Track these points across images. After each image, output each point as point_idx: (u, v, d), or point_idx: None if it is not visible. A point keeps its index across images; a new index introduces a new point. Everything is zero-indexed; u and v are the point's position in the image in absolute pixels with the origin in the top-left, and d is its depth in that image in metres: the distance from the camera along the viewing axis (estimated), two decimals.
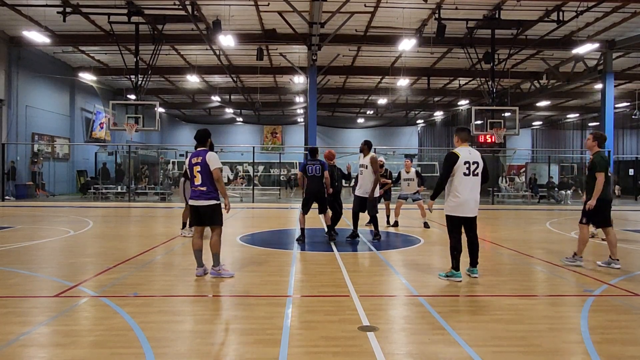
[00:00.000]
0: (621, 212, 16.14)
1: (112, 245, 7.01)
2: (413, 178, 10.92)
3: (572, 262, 6.67)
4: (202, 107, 35.77)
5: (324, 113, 37.56)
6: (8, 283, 5.45)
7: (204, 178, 5.72)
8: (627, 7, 15.66)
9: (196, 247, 5.88)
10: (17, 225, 10.89)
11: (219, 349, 3.60)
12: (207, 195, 5.73)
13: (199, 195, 5.76)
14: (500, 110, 19.91)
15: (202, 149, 5.88)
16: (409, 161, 11.14)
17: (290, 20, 16.93)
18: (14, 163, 19.68)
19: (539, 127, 41.54)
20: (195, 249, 5.89)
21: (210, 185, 5.73)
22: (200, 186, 5.74)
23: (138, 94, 18.84)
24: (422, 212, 11.01)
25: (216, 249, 5.84)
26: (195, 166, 5.76)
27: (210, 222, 5.84)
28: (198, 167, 5.73)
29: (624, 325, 4.17)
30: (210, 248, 5.85)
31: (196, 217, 5.86)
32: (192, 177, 5.82)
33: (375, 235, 9.10)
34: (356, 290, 5.19)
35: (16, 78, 19.87)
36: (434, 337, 3.82)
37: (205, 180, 5.72)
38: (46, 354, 3.46)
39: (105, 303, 4.65)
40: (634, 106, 28.01)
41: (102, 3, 15.99)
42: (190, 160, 5.85)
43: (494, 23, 16.98)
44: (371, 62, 23.40)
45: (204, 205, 5.74)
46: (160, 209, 16.88)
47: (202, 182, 5.72)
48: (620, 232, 10.39)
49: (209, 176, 5.71)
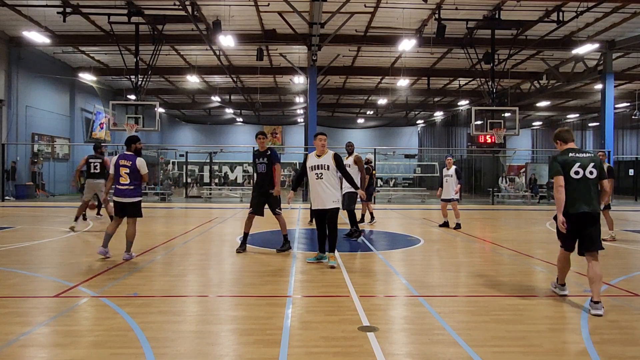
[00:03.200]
0: (621, 212, 16.14)
1: (112, 245, 7.01)
2: (452, 175, 10.89)
3: (553, 288, 5.29)
4: (202, 108, 35.79)
5: (324, 113, 37.56)
6: (8, 283, 5.44)
7: (131, 179, 6.75)
8: (627, 8, 15.67)
9: (110, 232, 6.85)
10: (17, 226, 10.89)
11: (219, 349, 3.60)
12: (133, 192, 6.77)
13: (124, 193, 6.75)
14: (500, 111, 19.93)
15: (130, 153, 6.87)
16: (450, 158, 11.14)
17: (290, 21, 16.93)
18: (15, 163, 19.70)
19: (539, 127, 41.55)
20: (109, 233, 6.84)
21: (136, 185, 6.79)
22: (128, 185, 6.75)
23: (138, 94, 18.85)
24: (456, 213, 11.01)
25: (132, 237, 6.85)
26: (122, 167, 6.75)
27: (132, 214, 6.86)
28: (126, 169, 6.74)
29: (624, 325, 4.17)
30: (126, 236, 6.81)
31: (120, 210, 6.85)
32: (118, 177, 6.77)
33: (354, 232, 9.08)
34: (356, 291, 5.19)
35: (16, 78, 19.87)
36: (434, 337, 3.82)
37: (132, 181, 6.76)
38: (46, 354, 3.46)
39: (105, 303, 4.65)
40: (634, 106, 28.02)
41: (102, 3, 16.00)
42: (117, 161, 6.82)
43: (494, 23, 16.99)
44: (371, 62, 23.41)
45: (129, 202, 6.76)
46: (160, 209, 16.88)
47: (130, 182, 6.76)
48: (621, 232, 10.39)
49: (136, 177, 6.77)
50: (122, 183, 6.73)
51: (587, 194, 4.69)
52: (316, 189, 6.58)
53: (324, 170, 6.56)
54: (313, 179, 6.60)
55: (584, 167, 4.74)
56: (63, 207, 16.70)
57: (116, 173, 6.79)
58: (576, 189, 4.71)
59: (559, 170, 4.77)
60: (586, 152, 4.91)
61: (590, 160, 4.78)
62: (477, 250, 8.29)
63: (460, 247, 8.61)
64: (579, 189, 4.70)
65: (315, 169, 6.59)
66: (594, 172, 4.72)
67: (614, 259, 7.44)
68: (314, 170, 6.60)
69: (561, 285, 5.14)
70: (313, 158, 6.68)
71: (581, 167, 4.73)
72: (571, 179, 4.74)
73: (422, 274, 6.15)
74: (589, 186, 4.71)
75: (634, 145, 36.25)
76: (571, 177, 4.74)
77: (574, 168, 4.74)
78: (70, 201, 19.48)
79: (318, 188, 6.57)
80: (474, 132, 19.66)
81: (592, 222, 4.71)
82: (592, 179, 4.72)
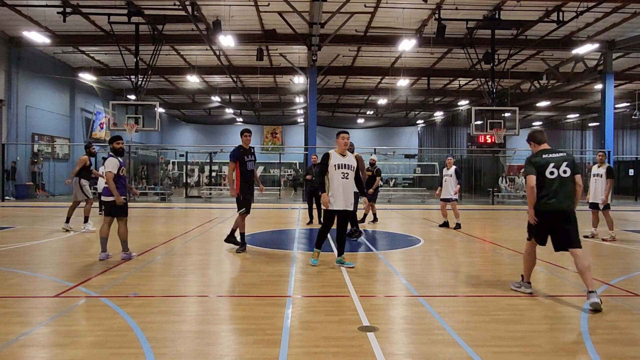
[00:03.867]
0: (621, 212, 16.14)
1: (112, 245, 7.01)
2: (452, 174, 10.91)
3: (517, 287, 5.29)
4: (202, 108, 35.79)
5: (324, 113, 37.57)
6: (8, 283, 5.44)
7: None
8: (627, 8, 15.67)
9: (104, 235, 6.81)
10: (17, 226, 10.89)
11: (219, 349, 3.60)
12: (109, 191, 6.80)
13: (105, 192, 6.87)
14: (500, 111, 19.91)
15: (111, 153, 6.99)
16: (451, 158, 11.21)
17: (290, 21, 16.93)
18: (15, 163, 19.70)
19: (539, 128, 41.54)
20: (103, 236, 6.81)
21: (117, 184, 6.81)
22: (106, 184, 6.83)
23: (138, 94, 18.85)
24: (456, 213, 11.02)
25: (124, 237, 6.87)
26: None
27: (117, 214, 6.88)
28: None
29: (624, 325, 4.17)
30: (119, 236, 6.85)
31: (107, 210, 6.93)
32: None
33: (354, 232, 9.08)
34: (356, 291, 5.19)
35: (16, 78, 19.87)
36: (434, 337, 3.82)
37: None
38: (46, 354, 3.46)
39: (105, 303, 4.65)
40: (634, 106, 28.01)
41: (102, 3, 15.99)
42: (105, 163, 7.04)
43: (494, 23, 16.99)
44: (371, 62, 23.41)
45: (108, 201, 6.82)
46: (160, 209, 16.88)
47: None
48: (621, 232, 10.39)
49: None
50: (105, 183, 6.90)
51: (562, 193, 4.89)
52: (341, 189, 6.35)
53: (350, 171, 6.40)
54: (338, 179, 6.36)
55: (557, 166, 4.94)
56: (63, 207, 16.68)
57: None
58: (552, 188, 4.89)
59: (532, 171, 4.98)
60: (559, 152, 5.12)
61: (563, 159, 4.97)
62: (477, 250, 8.29)
63: (460, 247, 8.61)
64: (554, 188, 4.89)
65: (342, 168, 6.38)
66: (568, 170, 4.92)
67: (614, 259, 7.44)
68: (340, 169, 6.37)
69: (527, 283, 5.21)
70: (337, 157, 6.45)
71: (555, 167, 4.94)
72: (546, 179, 4.93)
73: (422, 274, 6.15)
74: (563, 185, 4.90)
75: (634, 145, 36.24)
76: (547, 178, 4.93)
77: (548, 169, 4.94)
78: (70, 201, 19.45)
79: (344, 188, 6.37)
80: (474, 132, 19.67)
81: (567, 220, 4.87)
82: (566, 177, 4.91)
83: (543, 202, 4.92)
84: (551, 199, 4.87)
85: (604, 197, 9.20)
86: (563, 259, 7.42)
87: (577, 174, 5.00)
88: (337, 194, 6.34)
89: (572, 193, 4.93)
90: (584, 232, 10.13)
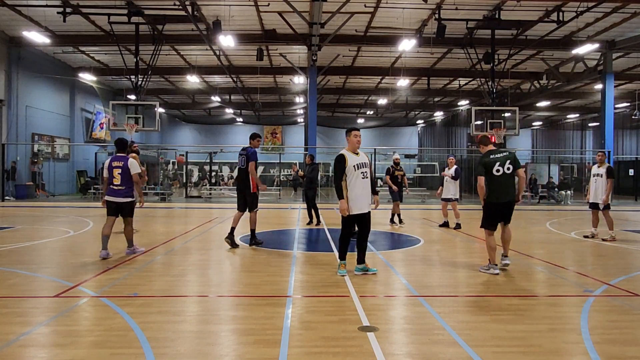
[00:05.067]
0: (621, 212, 16.13)
1: (112, 245, 7.01)
2: (452, 174, 10.95)
3: (485, 270, 6.09)
4: (202, 108, 35.78)
5: (324, 113, 37.57)
6: (8, 283, 5.44)
7: (123, 179, 6.91)
8: (627, 8, 15.66)
9: (106, 234, 6.87)
10: (17, 226, 10.89)
11: (219, 349, 3.60)
12: (124, 193, 6.95)
13: (117, 193, 6.93)
14: (500, 111, 19.90)
15: (122, 155, 7.10)
16: (452, 158, 11.24)
17: (290, 21, 16.93)
18: (15, 163, 19.69)
19: (539, 128, 41.54)
20: (105, 235, 6.87)
21: (128, 185, 6.95)
22: (119, 185, 6.92)
23: (138, 94, 18.85)
24: (456, 213, 11.03)
25: (130, 235, 7.14)
26: (115, 169, 6.93)
27: (124, 214, 7.05)
28: (119, 170, 6.91)
29: (624, 325, 4.17)
30: (125, 235, 7.15)
31: (111, 210, 6.97)
32: (111, 177, 6.94)
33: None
34: (356, 291, 5.19)
35: (16, 78, 19.87)
36: (434, 337, 3.82)
37: (124, 181, 6.92)
38: (46, 354, 3.46)
39: (105, 303, 4.65)
40: (634, 106, 27.99)
41: (102, 3, 15.99)
42: (110, 163, 6.99)
43: (494, 23, 16.98)
44: (371, 62, 23.41)
45: (121, 202, 6.95)
46: (160, 209, 16.88)
47: (121, 182, 6.92)
48: (621, 232, 10.38)
49: (128, 178, 6.92)
50: (115, 184, 6.94)
51: (507, 187, 6.01)
52: (361, 190, 5.88)
53: (368, 169, 5.97)
54: (359, 179, 5.86)
55: (502, 164, 5.98)
56: (63, 207, 16.71)
57: (110, 174, 6.98)
58: (500, 183, 5.98)
59: (481, 172, 6.06)
60: (503, 152, 6.16)
61: (506, 158, 6.03)
62: (477, 250, 8.28)
63: (460, 247, 8.61)
64: (501, 183, 5.98)
65: (361, 167, 5.90)
66: (511, 167, 6.00)
67: (614, 259, 7.44)
68: (359, 169, 5.88)
69: (494, 265, 6.06)
70: (353, 156, 5.95)
71: (500, 165, 5.98)
72: (494, 176, 5.98)
73: (422, 274, 6.15)
74: (507, 179, 6.00)
75: (634, 145, 36.22)
76: (494, 175, 5.98)
77: (495, 167, 5.97)
78: (70, 201, 19.48)
79: (364, 188, 5.91)
80: (474, 132, 19.65)
81: (511, 207, 6.14)
82: (510, 173, 5.99)
83: (495, 196, 6.00)
84: (501, 194, 6.00)
85: (604, 197, 9.17)
86: (563, 259, 7.43)
87: (519, 168, 6.07)
88: (359, 196, 5.88)
89: (515, 185, 6.06)
90: (584, 232, 10.17)
